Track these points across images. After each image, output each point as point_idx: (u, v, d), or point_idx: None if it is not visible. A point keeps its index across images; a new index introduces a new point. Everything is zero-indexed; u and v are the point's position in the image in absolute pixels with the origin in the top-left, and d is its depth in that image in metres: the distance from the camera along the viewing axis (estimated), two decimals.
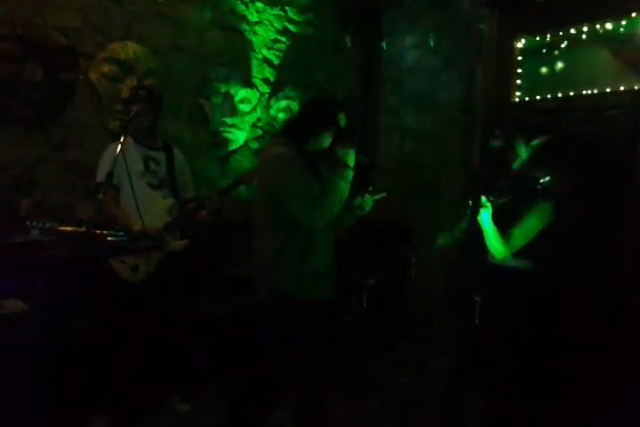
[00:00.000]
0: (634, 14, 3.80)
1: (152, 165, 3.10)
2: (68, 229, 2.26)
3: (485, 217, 2.64)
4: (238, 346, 2.73)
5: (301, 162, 2.35)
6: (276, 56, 4.70)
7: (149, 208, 2.93)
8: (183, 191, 3.23)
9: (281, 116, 4.68)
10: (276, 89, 4.66)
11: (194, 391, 3.33)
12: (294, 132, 2.46)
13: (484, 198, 2.66)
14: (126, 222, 2.86)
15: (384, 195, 2.56)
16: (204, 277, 3.63)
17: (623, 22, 3.87)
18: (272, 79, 4.67)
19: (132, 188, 2.60)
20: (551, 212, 2.64)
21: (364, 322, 3.67)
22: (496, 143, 2.71)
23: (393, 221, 4.55)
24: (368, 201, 2.52)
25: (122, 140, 2.39)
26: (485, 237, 2.66)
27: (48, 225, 2.26)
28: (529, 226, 2.62)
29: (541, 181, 2.63)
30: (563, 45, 4.19)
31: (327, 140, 2.40)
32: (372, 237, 4.32)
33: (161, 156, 3.16)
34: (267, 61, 4.64)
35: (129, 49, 3.75)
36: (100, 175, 2.95)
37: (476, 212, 2.55)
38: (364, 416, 3.37)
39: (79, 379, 2.68)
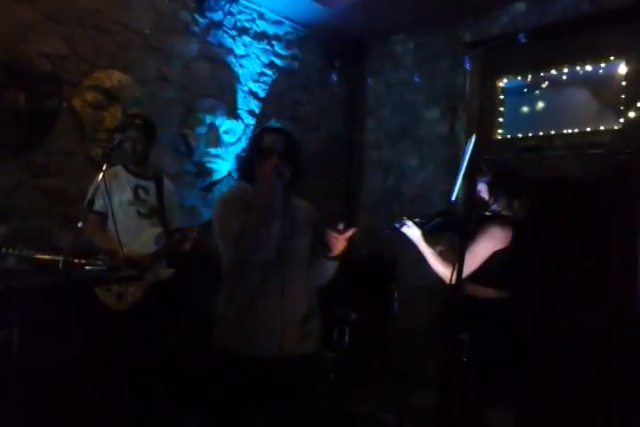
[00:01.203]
0: (612, 57, 3.91)
1: (142, 194, 3.09)
2: (45, 257, 2.19)
3: (416, 239, 2.74)
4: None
5: (240, 198, 2.21)
6: (262, 89, 4.73)
7: (137, 236, 2.95)
8: (171, 221, 3.19)
9: None
10: (262, 121, 4.66)
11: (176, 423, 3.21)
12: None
13: (409, 221, 2.76)
14: (111, 248, 2.80)
15: (353, 230, 2.13)
16: (188, 308, 3.54)
17: (602, 65, 3.98)
18: (257, 111, 4.68)
19: (113, 216, 2.63)
20: (500, 236, 2.65)
21: (346, 357, 3.59)
22: (483, 180, 2.73)
23: (376, 255, 4.52)
24: (338, 241, 2.12)
25: (104, 167, 2.34)
26: (428, 261, 2.73)
27: (25, 253, 2.19)
28: (477, 249, 2.62)
29: (492, 207, 2.75)
30: (544, 85, 4.29)
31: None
32: (355, 272, 4.27)
33: (151, 185, 3.14)
34: (252, 94, 4.66)
35: (114, 77, 3.73)
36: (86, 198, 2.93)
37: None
38: None
39: (54, 411, 2.58)
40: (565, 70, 4.16)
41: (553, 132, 4.20)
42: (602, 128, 3.97)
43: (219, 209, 2.25)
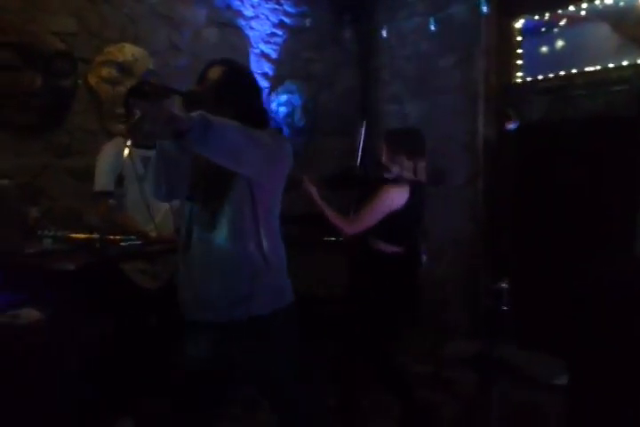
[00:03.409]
0: None
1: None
2: (81, 236, 2.26)
3: (313, 195, 2.92)
4: None
5: None
6: (274, 50, 4.67)
7: (156, 212, 2.80)
8: None
9: (282, 110, 4.65)
10: (276, 83, 4.63)
11: None
12: None
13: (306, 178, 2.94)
14: (138, 228, 2.74)
15: None
16: None
17: None
18: (271, 73, 4.64)
19: (126, 192, 2.58)
20: (395, 196, 2.86)
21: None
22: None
23: None
24: None
25: (129, 143, 2.35)
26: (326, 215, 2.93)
27: (60, 233, 2.27)
28: (373, 206, 2.86)
29: (393, 170, 2.96)
30: (562, 23, 4.15)
31: None
32: None
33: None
34: (265, 56, 4.61)
35: (126, 51, 3.71)
36: (101, 182, 2.88)
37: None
38: (379, 407, 3.32)
39: (98, 385, 2.69)
40: (584, 5, 4.01)
41: (574, 70, 4.09)
42: (624, 63, 3.85)
43: None
